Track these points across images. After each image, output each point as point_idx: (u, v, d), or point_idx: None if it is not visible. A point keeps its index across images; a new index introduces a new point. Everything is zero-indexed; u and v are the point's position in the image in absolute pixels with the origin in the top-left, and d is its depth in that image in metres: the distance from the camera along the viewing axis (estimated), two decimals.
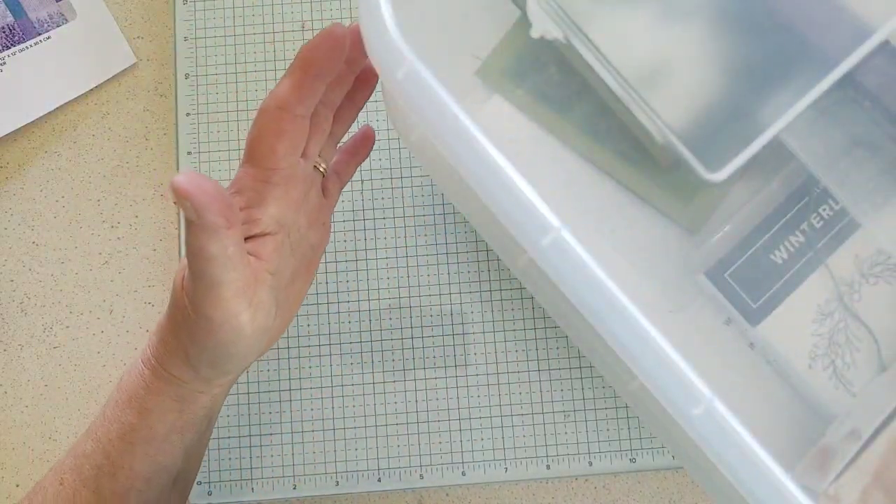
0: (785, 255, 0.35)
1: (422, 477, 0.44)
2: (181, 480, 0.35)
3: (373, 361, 0.44)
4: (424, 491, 0.44)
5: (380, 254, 0.45)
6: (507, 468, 0.44)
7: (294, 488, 0.43)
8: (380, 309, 0.45)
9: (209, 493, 0.43)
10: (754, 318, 0.35)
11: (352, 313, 0.45)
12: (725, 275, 0.35)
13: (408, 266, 0.45)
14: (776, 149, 0.32)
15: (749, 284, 0.35)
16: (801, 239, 0.35)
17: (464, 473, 0.44)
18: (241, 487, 0.43)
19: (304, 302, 0.45)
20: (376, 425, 0.44)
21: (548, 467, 0.44)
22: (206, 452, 0.43)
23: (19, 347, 0.45)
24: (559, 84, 0.35)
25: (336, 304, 0.45)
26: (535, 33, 0.34)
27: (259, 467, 0.44)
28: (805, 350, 0.34)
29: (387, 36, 0.25)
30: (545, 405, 0.44)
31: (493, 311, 0.45)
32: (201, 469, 0.43)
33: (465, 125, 0.25)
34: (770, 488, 0.24)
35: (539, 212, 0.24)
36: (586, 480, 0.44)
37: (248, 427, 0.44)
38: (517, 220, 0.24)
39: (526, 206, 0.24)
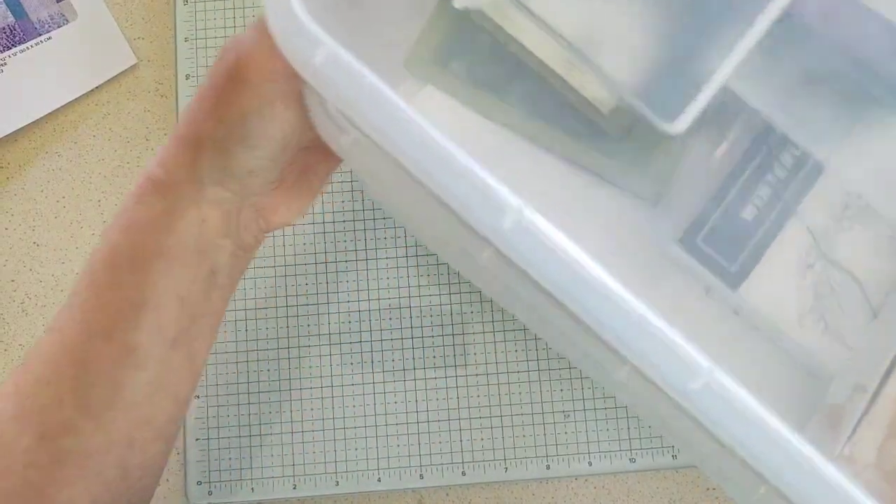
0: (754, 211, 0.33)
1: (422, 477, 0.44)
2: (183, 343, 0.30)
3: (373, 361, 0.45)
4: (424, 491, 0.44)
5: (380, 254, 0.45)
6: (507, 468, 0.44)
7: (294, 488, 0.43)
8: (380, 309, 0.45)
9: (209, 493, 0.43)
10: (734, 281, 0.33)
11: (352, 313, 0.45)
12: (697, 241, 0.33)
13: (408, 266, 0.45)
14: (729, 101, 0.31)
15: (723, 247, 0.33)
16: (768, 191, 0.33)
17: (464, 473, 0.44)
18: (241, 487, 0.43)
19: (304, 302, 0.45)
20: (376, 425, 0.44)
21: (548, 467, 0.44)
22: (206, 452, 0.43)
23: (20, 347, 0.45)
24: (492, 64, 0.33)
25: (336, 304, 0.45)
26: (458, 3, 0.32)
27: (259, 467, 0.44)
28: (792, 308, 0.33)
29: (296, 21, 0.23)
30: (545, 405, 0.44)
31: (493, 311, 0.45)
32: (201, 469, 0.43)
33: (400, 107, 0.22)
34: (788, 458, 0.22)
35: (497, 192, 0.22)
36: (586, 480, 0.44)
37: (248, 427, 0.44)
38: (473, 205, 0.22)
39: (482, 188, 0.22)
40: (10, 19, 0.47)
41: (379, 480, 0.44)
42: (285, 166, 0.30)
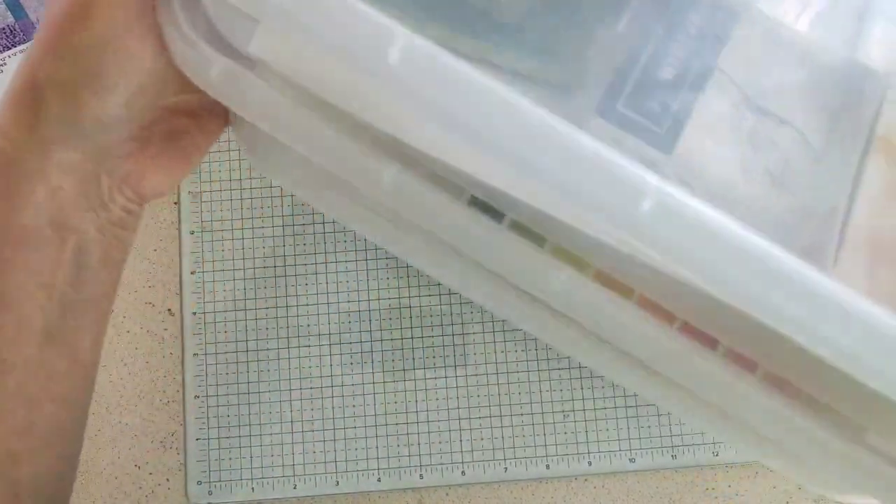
0: (673, 70, 0.31)
1: (422, 477, 0.44)
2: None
3: (373, 361, 0.45)
4: (424, 491, 0.44)
5: (380, 253, 0.45)
6: (507, 468, 0.44)
7: (294, 488, 0.43)
8: (380, 309, 0.45)
9: (209, 493, 0.43)
10: (666, 144, 0.30)
11: (352, 313, 0.45)
12: (618, 107, 0.31)
13: (408, 266, 0.45)
14: None
15: (647, 110, 0.31)
16: (683, 46, 0.31)
17: (464, 473, 0.44)
18: (241, 487, 0.43)
19: (304, 302, 0.45)
20: (376, 425, 0.44)
21: (547, 467, 0.44)
22: (206, 452, 0.43)
23: None
24: None
25: (336, 304, 0.45)
26: None
27: (259, 467, 0.44)
28: (732, 166, 0.31)
29: None
30: (545, 405, 0.44)
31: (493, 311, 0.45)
32: (201, 469, 0.43)
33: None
34: (774, 272, 0.19)
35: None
36: (586, 480, 0.44)
37: (248, 427, 0.44)
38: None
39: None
40: (10, 19, 0.47)
41: (379, 480, 0.44)
42: (147, 125, 0.26)
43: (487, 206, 0.25)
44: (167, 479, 0.44)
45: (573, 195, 0.20)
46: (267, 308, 0.45)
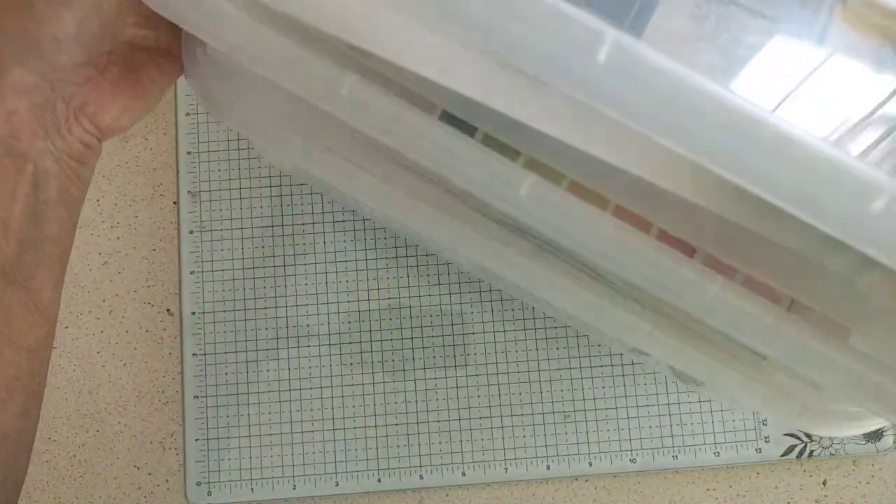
0: None
1: (422, 477, 0.44)
2: None
3: (373, 361, 0.44)
4: (424, 491, 0.44)
5: (380, 254, 0.45)
6: (507, 468, 0.44)
7: (294, 488, 0.43)
8: (380, 309, 0.45)
9: (209, 494, 0.43)
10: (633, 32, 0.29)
11: (352, 313, 0.45)
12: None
13: (408, 266, 0.45)
14: None
15: (609, 7, 0.29)
16: None
17: (464, 473, 0.44)
18: (241, 487, 0.43)
19: (304, 302, 0.45)
20: (376, 425, 0.44)
21: (548, 468, 0.44)
22: (206, 453, 0.43)
23: None
24: None
25: (336, 304, 0.45)
26: None
27: (259, 467, 0.44)
28: (700, 64, 0.30)
29: None
30: (545, 405, 0.44)
31: (493, 311, 0.45)
32: (201, 469, 0.43)
33: None
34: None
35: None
36: (586, 481, 0.44)
37: (247, 427, 0.44)
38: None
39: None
40: None
41: (379, 481, 0.43)
42: (105, 54, 0.25)
43: (458, 121, 0.24)
44: (166, 480, 0.44)
45: (534, 48, 0.19)
46: (266, 308, 0.45)
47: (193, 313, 0.45)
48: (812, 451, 0.43)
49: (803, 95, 0.29)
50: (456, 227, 0.27)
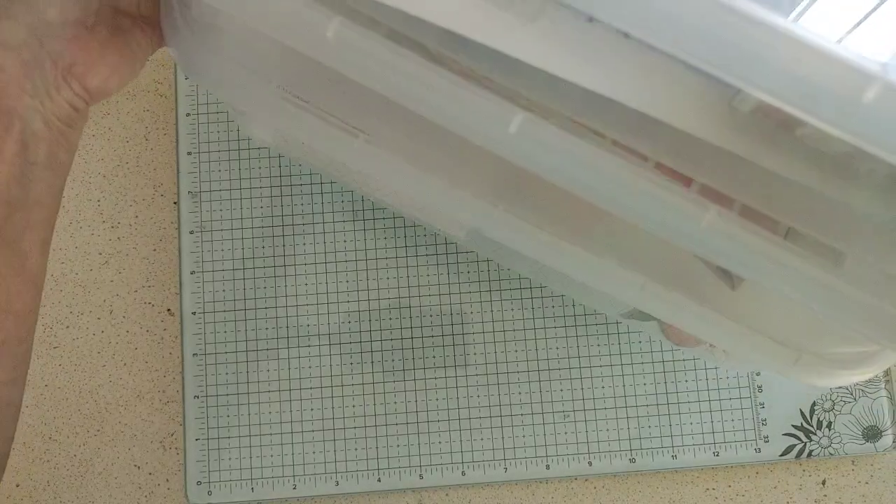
0: None
1: (422, 477, 0.44)
2: None
3: (373, 361, 0.44)
4: (424, 491, 0.44)
5: (380, 254, 0.45)
6: (506, 468, 0.44)
7: (294, 488, 0.43)
8: (380, 309, 0.45)
9: (209, 493, 0.43)
10: None
11: (352, 313, 0.45)
12: None
13: (408, 266, 0.45)
14: None
15: None
16: None
17: (464, 473, 0.44)
18: (241, 487, 0.43)
19: (304, 302, 0.45)
20: (376, 425, 0.44)
21: (547, 467, 0.44)
22: (206, 452, 0.43)
23: None
24: None
25: (336, 304, 0.45)
26: None
27: (259, 467, 0.44)
28: None
29: None
30: (545, 405, 0.44)
31: (493, 311, 0.45)
32: (201, 469, 0.43)
33: None
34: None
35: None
36: (586, 481, 0.44)
37: (248, 427, 0.44)
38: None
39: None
40: None
41: (379, 480, 0.43)
42: (91, 9, 0.25)
43: (448, 61, 0.23)
44: (167, 480, 0.44)
45: None
46: (266, 308, 0.45)
47: (193, 313, 0.45)
48: (811, 451, 0.43)
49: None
50: (457, 195, 0.27)
